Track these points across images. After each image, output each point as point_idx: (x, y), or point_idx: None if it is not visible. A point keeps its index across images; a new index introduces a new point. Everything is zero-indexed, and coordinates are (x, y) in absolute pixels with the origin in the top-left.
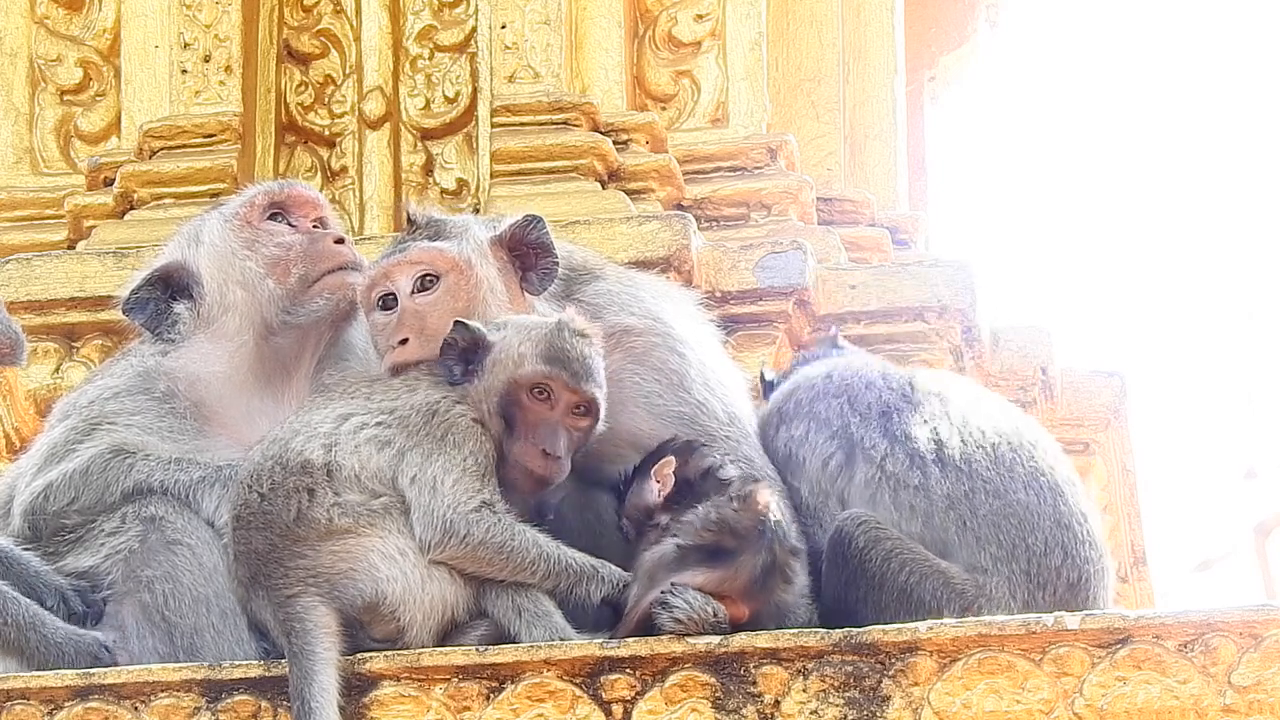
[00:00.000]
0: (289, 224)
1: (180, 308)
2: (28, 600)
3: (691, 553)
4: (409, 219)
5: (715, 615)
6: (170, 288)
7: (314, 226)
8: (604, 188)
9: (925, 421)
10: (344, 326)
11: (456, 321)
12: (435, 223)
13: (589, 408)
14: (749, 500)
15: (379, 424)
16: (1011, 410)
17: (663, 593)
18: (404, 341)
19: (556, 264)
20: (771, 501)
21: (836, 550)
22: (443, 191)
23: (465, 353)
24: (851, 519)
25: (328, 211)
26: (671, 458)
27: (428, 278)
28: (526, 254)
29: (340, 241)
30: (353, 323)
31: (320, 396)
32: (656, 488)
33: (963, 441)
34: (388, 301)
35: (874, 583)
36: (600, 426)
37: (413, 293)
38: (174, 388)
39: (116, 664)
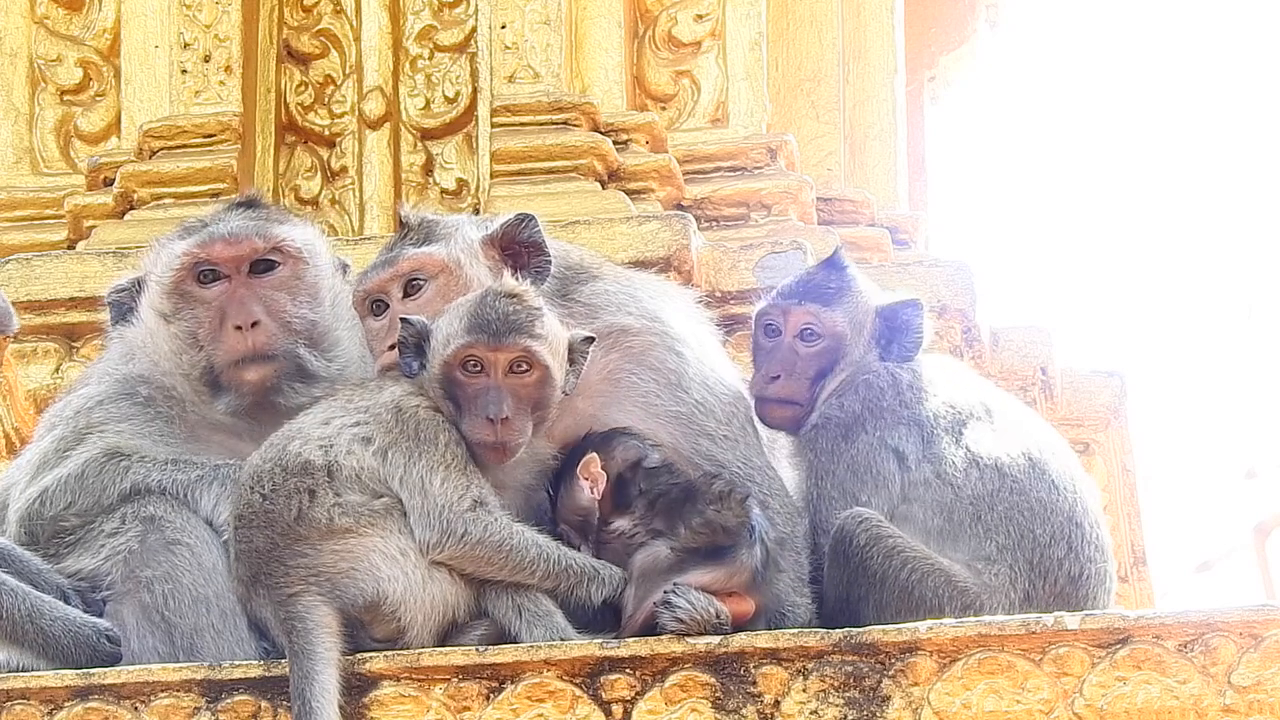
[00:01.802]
0: (220, 276)
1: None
2: (27, 590)
3: (688, 555)
4: (401, 221)
5: (718, 616)
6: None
7: (250, 270)
8: (604, 188)
9: (982, 435)
10: (279, 399)
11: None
12: (427, 224)
13: (527, 362)
14: (728, 499)
15: (357, 423)
16: (1057, 435)
17: (665, 593)
18: (393, 346)
19: (549, 262)
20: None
21: (838, 549)
22: (443, 191)
23: (418, 347)
24: (853, 517)
25: (259, 240)
26: (594, 454)
27: (417, 282)
28: (519, 253)
29: (239, 328)
30: (285, 382)
31: (314, 404)
32: (587, 486)
33: (1008, 455)
34: (379, 308)
35: (875, 580)
36: (559, 378)
37: (403, 298)
38: (154, 394)
39: (119, 652)
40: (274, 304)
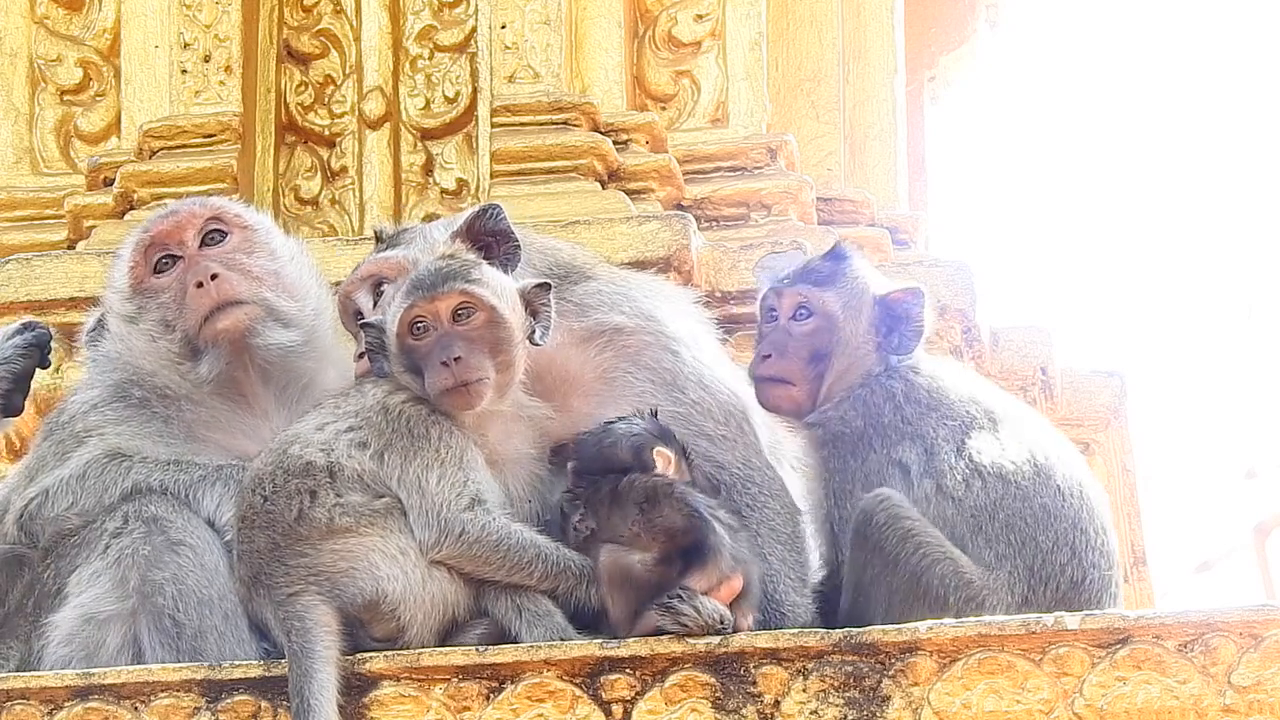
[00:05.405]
0: (174, 260)
1: None
2: None
3: (661, 561)
4: (376, 236)
5: (721, 621)
6: None
7: (200, 245)
8: (604, 188)
9: (984, 444)
10: (258, 342)
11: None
12: (397, 234)
13: (468, 306)
14: (656, 497)
15: (350, 428)
16: (1063, 438)
17: (670, 598)
18: (363, 354)
19: (518, 248)
20: (668, 475)
21: (859, 529)
22: (443, 191)
23: (384, 345)
24: (875, 498)
25: (197, 207)
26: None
27: (383, 286)
28: (490, 244)
29: (200, 284)
30: (259, 324)
31: (309, 410)
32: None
33: (1012, 462)
34: (358, 317)
35: (889, 561)
36: (512, 320)
37: (374, 305)
38: (148, 395)
39: None
40: (232, 261)
